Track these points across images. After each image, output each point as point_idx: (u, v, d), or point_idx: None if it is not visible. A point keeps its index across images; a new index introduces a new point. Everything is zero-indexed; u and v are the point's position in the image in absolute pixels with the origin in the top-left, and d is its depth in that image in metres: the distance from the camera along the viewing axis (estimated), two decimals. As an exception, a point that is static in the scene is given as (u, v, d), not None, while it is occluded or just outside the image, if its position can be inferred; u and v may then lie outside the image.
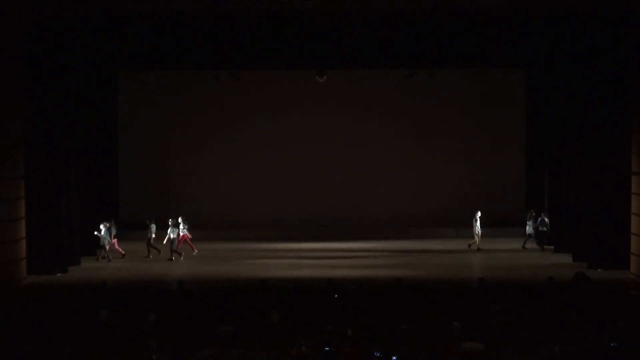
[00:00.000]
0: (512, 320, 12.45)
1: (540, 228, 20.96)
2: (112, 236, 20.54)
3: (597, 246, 18.32)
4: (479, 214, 21.26)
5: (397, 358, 10.45)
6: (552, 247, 20.94)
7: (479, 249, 20.97)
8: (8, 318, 13.14)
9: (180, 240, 20.59)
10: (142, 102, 23.67)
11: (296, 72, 22.34)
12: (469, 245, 21.11)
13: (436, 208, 23.79)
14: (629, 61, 17.57)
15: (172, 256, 20.23)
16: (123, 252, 20.61)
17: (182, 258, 20.24)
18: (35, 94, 17.95)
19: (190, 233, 20.92)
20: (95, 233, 20.08)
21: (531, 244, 21.35)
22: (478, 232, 21.08)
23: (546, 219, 20.89)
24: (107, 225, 20.28)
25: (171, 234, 20.34)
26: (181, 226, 20.70)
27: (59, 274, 18.15)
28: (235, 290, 15.63)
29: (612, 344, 10.81)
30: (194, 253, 20.86)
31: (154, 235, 20.59)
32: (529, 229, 21.25)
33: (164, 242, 20.29)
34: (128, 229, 22.84)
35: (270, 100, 23.84)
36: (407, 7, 17.81)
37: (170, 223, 20.51)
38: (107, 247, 20.17)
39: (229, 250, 21.36)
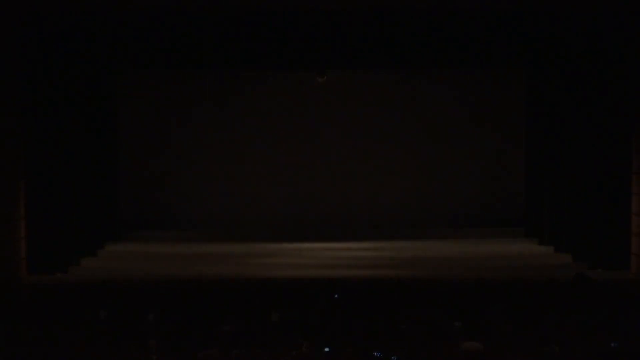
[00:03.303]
0: (512, 320, 12.45)
1: None
2: None
3: (597, 246, 18.30)
4: None
5: (397, 358, 10.44)
6: (552, 247, 20.92)
7: None
8: (8, 318, 13.14)
9: None
10: (142, 102, 23.65)
11: (296, 72, 22.34)
12: None
13: (436, 208, 23.77)
14: (631, 61, 17.54)
15: None
16: None
17: None
18: (35, 94, 17.93)
19: None
20: None
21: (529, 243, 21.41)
22: None
23: None
24: None
25: None
26: None
27: (58, 274, 18.12)
28: (235, 290, 15.62)
29: (612, 344, 10.81)
30: None
31: None
32: None
33: None
34: (128, 229, 22.92)
35: (270, 100, 23.83)
36: (408, 7, 17.79)
37: None
38: None
39: (229, 250, 21.35)
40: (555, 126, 20.93)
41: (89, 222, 20.35)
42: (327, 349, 10.60)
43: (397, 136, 24.02)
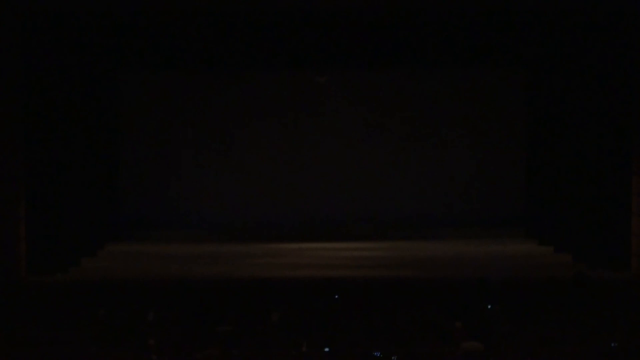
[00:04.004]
0: (512, 320, 12.47)
1: None
2: None
3: (597, 246, 18.29)
4: None
5: (397, 358, 10.44)
6: (552, 247, 20.90)
7: None
8: (8, 318, 13.15)
9: None
10: (142, 102, 23.63)
11: (296, 72, 22.33)
12: None
13: (436, 208, 23.74)
14: (631, 61, 17.54)
15: None
16: None
17: None
18: (36, 94, 17.94)
19: None
20: None
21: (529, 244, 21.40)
22: None
23: None
24: None
25: None
26: None
27: (58, 274, 18.11)
28: (235, 290, 15.63)
29: (612, 344, 10.82)
30: None
31: None
32: None
33: None
34: (128, 229, 22.92)
35: (270, 100, 23.81)
36: (408, 7, 17.79)
37: None
38: None
39: (229, 250, 21.34)
40: (555, 126, 20.92)
41: (89, 222, 20.34)
42: (327, 349, 10.61)
43: (396, 136, 23.99)
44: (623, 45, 17.66)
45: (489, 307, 13.11)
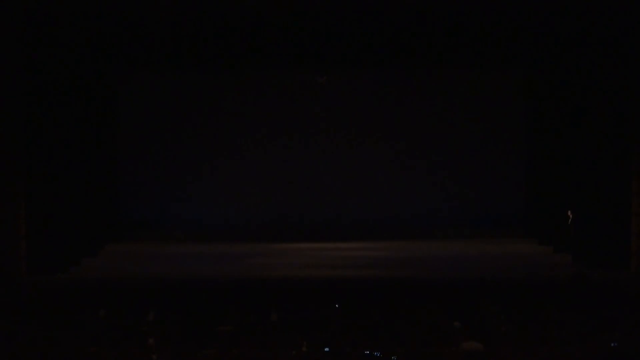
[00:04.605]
0: (512, 320, 12.47)
1: None
2: None
3: (597, 246, 18.29)
4: None
5: (397, 358, 10.45)
6: (552, 247, 20.91)
7: None
8: (8, 318, 13.15)
9: None
10: (142, 102, 23.63)
11: (296, 72, 22.32)
12: None
13: (436, 208, 23.74)
14: (631, 62, 17.54)
15: None
16: None
17: None
18: (36, 94, 17.95)
19: None
20: None
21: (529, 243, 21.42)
22: None
23: None
24: None
25: None
26: None
27: (59, 274, 18.12)
28: (235, 290, 15.63)
29: (612, 344, 10.82)
30: None
31: None
32: None
33: None
34: (128, 229, 22.92)
35: (270, 101, 23.80)
36: (408, 8, 17.80)
37: None
38: None
39: (228, 250, 21.35)
40: (555, 126, 20.90)
41: (89, 222, 20.36)
42: (327, 349, 10.62)
43: (397, 137, 23.97)
44: (623, 45, 17.66)
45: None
